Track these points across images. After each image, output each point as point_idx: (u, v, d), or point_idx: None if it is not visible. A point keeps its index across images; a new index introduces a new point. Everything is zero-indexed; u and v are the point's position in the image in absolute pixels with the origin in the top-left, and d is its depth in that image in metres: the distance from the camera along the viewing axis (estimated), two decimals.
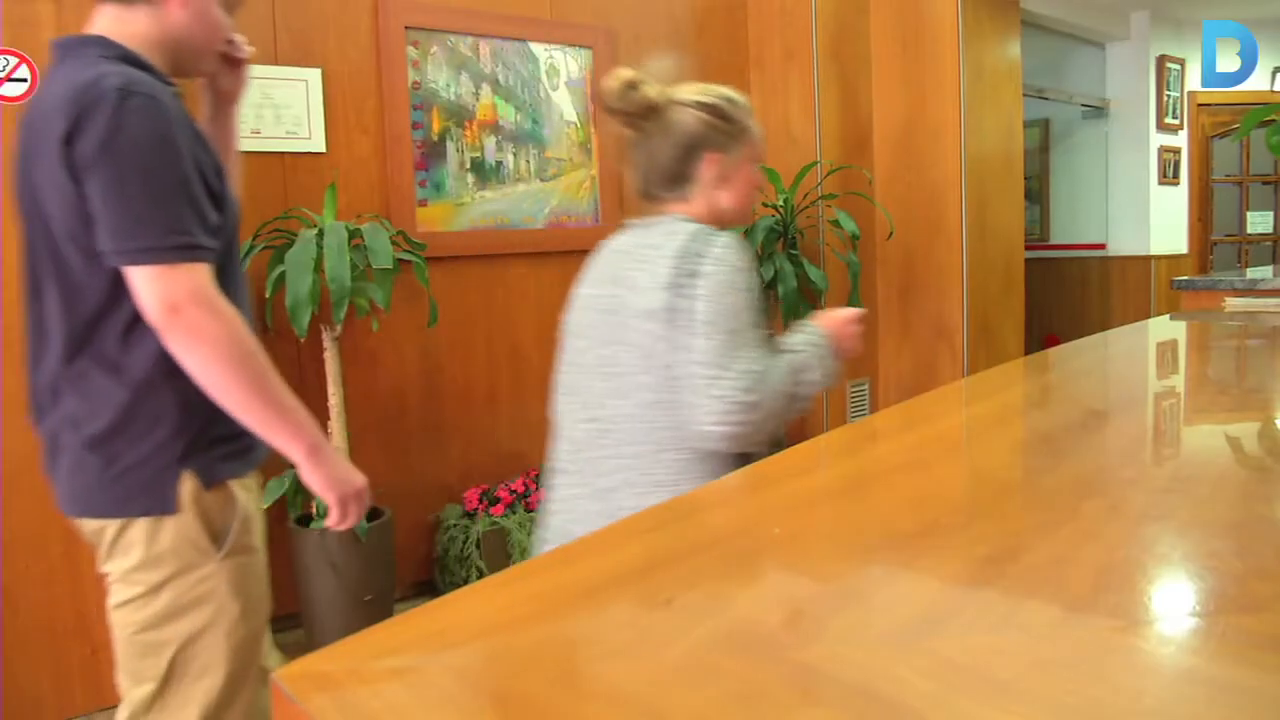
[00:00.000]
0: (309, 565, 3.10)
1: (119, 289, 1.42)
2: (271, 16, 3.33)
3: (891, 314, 4.90)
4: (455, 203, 3.76)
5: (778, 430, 1.60)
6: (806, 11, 4.53)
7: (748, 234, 4.23)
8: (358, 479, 1.61)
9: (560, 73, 4.05)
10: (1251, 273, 3.20)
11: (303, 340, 2.96)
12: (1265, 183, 7.25)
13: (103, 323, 1.45)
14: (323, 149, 3.43)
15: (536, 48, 3.97)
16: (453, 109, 3.74)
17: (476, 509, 3.61)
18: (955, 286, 4.60)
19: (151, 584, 1.49)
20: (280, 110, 3.34)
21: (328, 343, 3.16)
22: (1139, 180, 6.64)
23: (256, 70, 3.28)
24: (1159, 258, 6.66)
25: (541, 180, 4.00)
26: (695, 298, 1.53)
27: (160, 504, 1.47)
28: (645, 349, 1.57)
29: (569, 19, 4.07)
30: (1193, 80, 6.91)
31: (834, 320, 1.69)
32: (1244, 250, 7.26)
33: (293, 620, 3.34)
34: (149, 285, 1.38)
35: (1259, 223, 7.26)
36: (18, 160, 1.50)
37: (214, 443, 1.53)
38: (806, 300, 4.28)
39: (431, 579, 3.66)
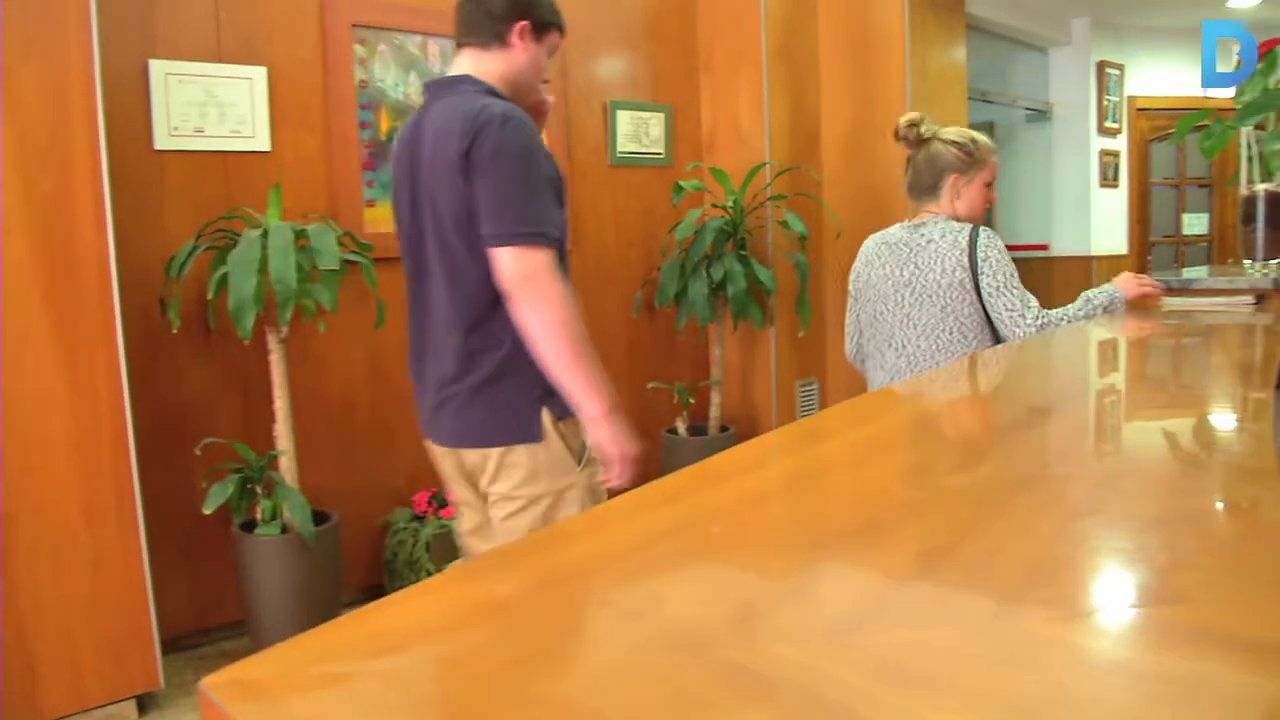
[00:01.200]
0: (255, 571, 3.06)
1: (491, 269, 1.85)
2: (215, 14, 3.28)
3: (840, 314, 4.94)
4: None
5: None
6: (755, 15, 4.56)
7: (697, 234, 4.25)
8: (636, 445, 1.95)
9: None
10: (1187, 272, 3.28)
11: (247, 342, 2.92)
12: (1201, 186, 7.43)
13: (479, 296, 1.89)
14: (267, 148, 3.39)
15: None
16: (401, 108, 3.71)
17: (426, 512, 3.58)
18: None
19: (532, 496, 1.91)
20: (224, 109, 3.29)
21: (273, 345, 3.12)
22: (1080, 182, 6.77)
23: (199, 68, 3.25)
24: (1099, 258, 6.80)
25: None
26: (982, 274, 2.42)
27: (531, 434, 1.92)
28: (945, 305, 2.46)
29: None
30: (1132, 85, 7.06)
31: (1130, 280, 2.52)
32: (1180, 251, 7.43)
33: (238, 628, 3.30)
34: (511, 260, 1.82)
35: (1194, 224, 7.44)
36: (406, 172, 1.98)
37: None
38: (756, 300, 4.30)
39: (381, 583, 3.63)
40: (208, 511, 2.93)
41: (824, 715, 0.42)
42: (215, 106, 3.28)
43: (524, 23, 2.00)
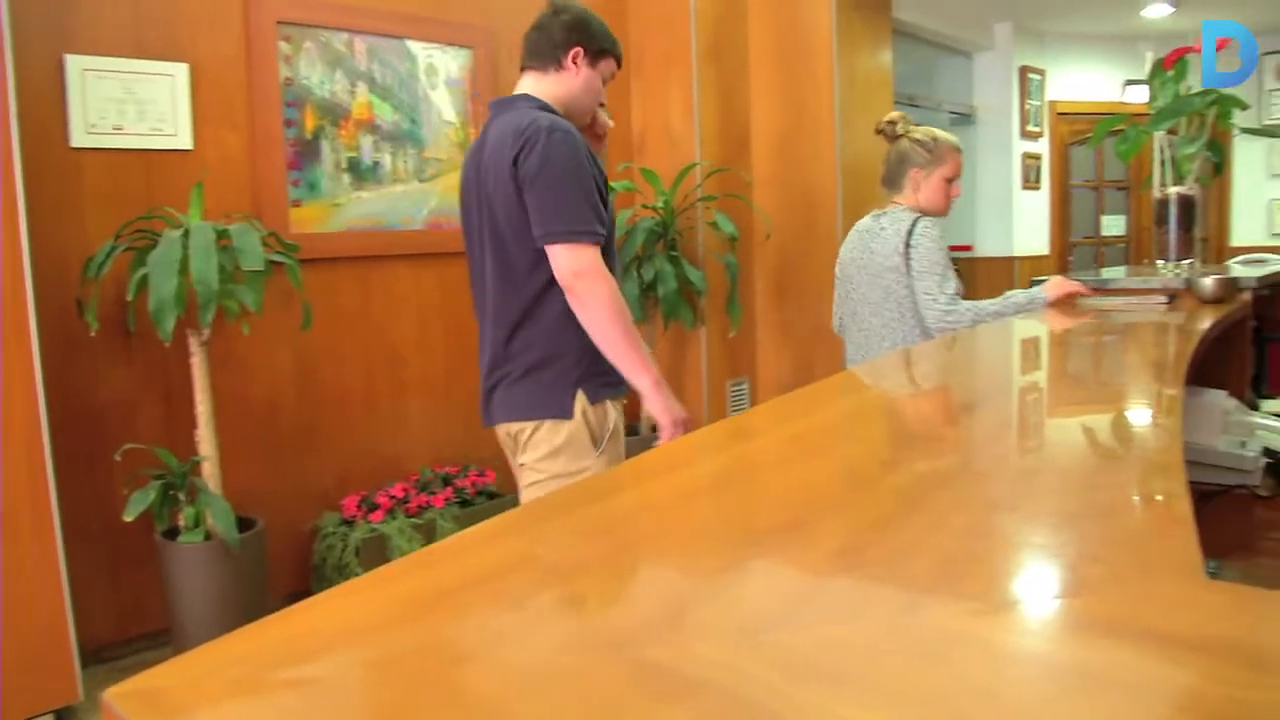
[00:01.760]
0: (178, 580, 2.99)
1: (538, 265, 2.09)
2: (135, 8, 3.20)
3: (770, 314, 4.99)
4: (330, 203, 3.67)
5: None
6: (686, 16, 4.58)
7: (628, 235, 4.25)
8: (685, 411, 2.21)
9: (439, 72, 4.00)
10: (1106, 273, 3.37)
11: (168, 345, 2.85)
12: (1119, 188, 7.63)
13: (527, 290, 2.13)
14: (189, 146, 3.31)
15: (414, 46, 3.91)
16: (327, 107, 3.66)
17: (355, 516, 3.53)
18: (832, 287, 4.71)
19: (552, 473, 2.13)
20: (144, 106, 3.21)
21: (195, 347, 3.05)
22: (1003, 185, 6.92)
23: (118, 64, 3.16)
24: (1022, 258, 6.95)
25: (420, 181, 3.94)
26: (911, 259, 2.65)
27: (562, 411, 2.15)
28: (888, 286, 2.70)
29: (449, 17, 4.02)
30: (1053, 90, 7.23)
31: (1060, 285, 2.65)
32: (1100, 252, 7.63)
33: (162, 638, 3.22)
34: (564, 257, 2.05)
35: (1113, 226, 7.64)
36: (471, 179, 2.24)
37: (597, 374, 2.16)
38: (686, 301, 4.32)
39: (309, 589, 3.57)
40: (128, 519, 2.85)
41: (741, 714, 0.42)
42: (135, 103, 3.20)
43: (579, 49, 2.25)
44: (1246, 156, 7.42)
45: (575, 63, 2.26)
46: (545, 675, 0.46)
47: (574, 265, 2.05)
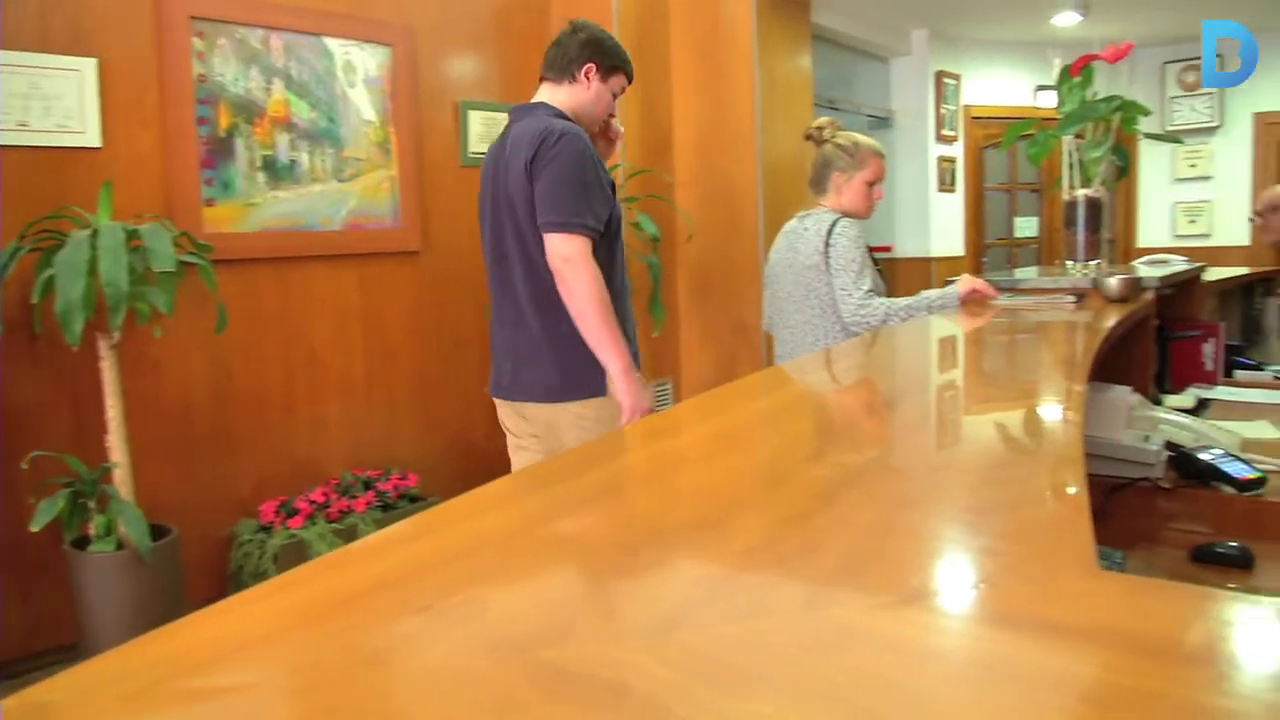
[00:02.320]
0: (89, 591, 2.90)
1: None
2: (41, 1, 3.09)
3: (692, 314, 5.02)
4: (246, 203, 3.60)
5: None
6: (608, 16, 4.58)
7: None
8: (650, 397, 2.45)
9: (358, 70, 3.94)
10: (1019, 273, 3.46)
11: (76, 348, 2.77)
12: (1031, 190, 7.84)
13: (549, 278, 2.34)
14: (98, 144, 3.22)
15: (332, 43, 3.85)
16: (242, 104, 3.58)
17: (273, 522, 3.47)
18: (753, 287, 4.75)
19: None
20: (50, 102, 3.11)
21: (104, 351, 2.96)
22: (920, 187, 7.06)
23: (23, 58, 3.06)
24: (939, 259, 7.10)
25: (339, 180, 3.89)
26: (829, 257, 2.74)
27: (597, 389, 2.40)
28: (809, 285, 2.80)
29: (366, 14, 3.97)
30: (967, 94, 7.40)
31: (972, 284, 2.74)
32: (1013, 252, 7.82)
33: (72, 651, 3.12)
34: (556, 244, 2.30)
35: (1025, 227, 7.85)
36: (490, 178, 2.50)
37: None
38: None
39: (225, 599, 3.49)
40: (35, 529, 2.76)
41: (639, 714, 0.43)
42: (40, 99, 3.10)
43: (592, 65, 2.52)
44: (1152, 161, 7.69)
45: (588, 77, 2.53)
46: (447, 679, 0.46)
47: (563, 252, 2.29)
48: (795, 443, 1.12)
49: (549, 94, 2.55)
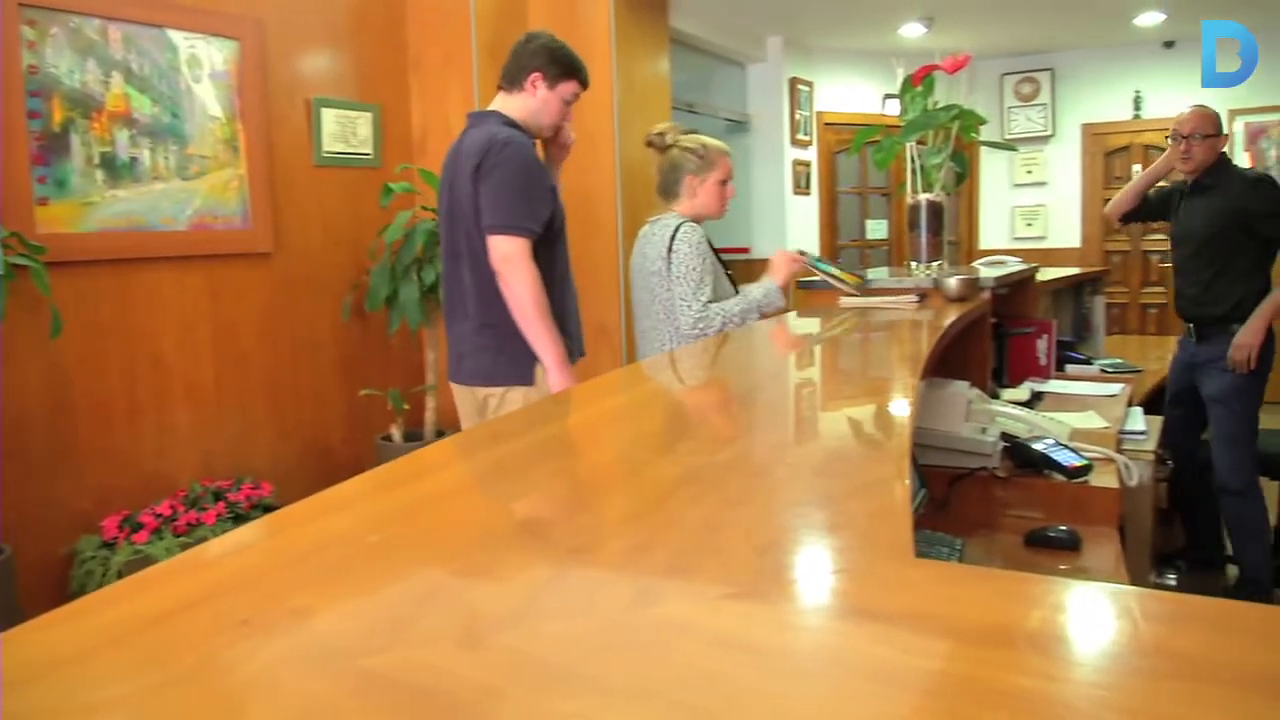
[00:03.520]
0: None
1: None
2: None
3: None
4: (82, 202, 3.42)
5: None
6: (465, 14, 4.54)
7: (407, 237, 4.17)
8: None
9: (203, 64, 3.80)
10: (869, 274, 3.58)
11: None
12: (881, 194, 8.12)
13: (493, 275, 2.53)
14: None
15: (175, 35, 3.70)
16: (77, 98, 3.41)
17: (116, 538, 3.31)
18: (613, 287, 4.78)
19: None
20: None
21: None
22: (776, 190, 7.23)
23: None
24: None
25: (183, 179, 3.73)
26: (671, 264, 2.77)
27: (525, 378, 2.60)
28: (653, 290, 2.84)
29: (213, 6, 3.82)
30: (820, 101, 7.62)
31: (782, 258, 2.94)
32: (865, 254, 8.09)
33: None
34: (497, 245, 2.51)
35: (876, 229, 8.13)
36: (448, 180, 2.69)
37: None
38: None
39: None
40: None
41: (445, 715, 0.43)
42: None
43: (539, 74, 2.67)
44: (992, 167, 8.10)
45: (535, 85, 2.68)
46: (263, 691, 0.46)
47: (504, 252, 2.49)
48: (637, 444, 1.14)
49: (501, 102, 2.71)
